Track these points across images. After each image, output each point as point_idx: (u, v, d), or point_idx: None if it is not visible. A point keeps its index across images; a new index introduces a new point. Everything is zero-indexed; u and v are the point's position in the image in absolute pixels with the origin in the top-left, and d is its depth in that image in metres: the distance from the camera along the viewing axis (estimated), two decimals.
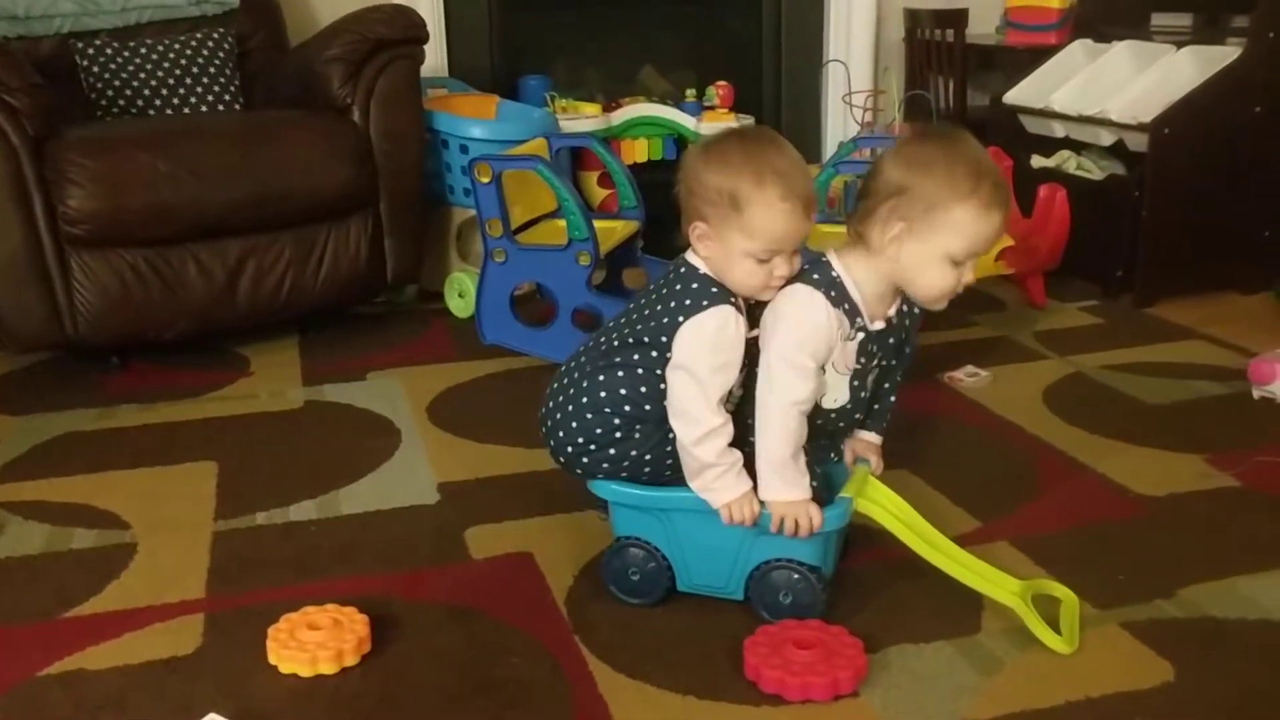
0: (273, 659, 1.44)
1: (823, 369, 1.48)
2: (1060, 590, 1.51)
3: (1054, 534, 1.74)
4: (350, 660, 1.44)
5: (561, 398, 1.57)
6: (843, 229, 2.66)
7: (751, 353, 1.49)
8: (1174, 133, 2.74)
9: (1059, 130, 3.13)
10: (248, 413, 2.33)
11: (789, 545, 1.48)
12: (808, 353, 1.45)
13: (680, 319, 1.46)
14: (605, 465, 1.54)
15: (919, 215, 1.42)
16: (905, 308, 1.55)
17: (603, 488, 1.56)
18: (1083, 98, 3.03)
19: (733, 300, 1.47)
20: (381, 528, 1.83)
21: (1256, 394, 2.24)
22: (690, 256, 1.51)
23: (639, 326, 1.51)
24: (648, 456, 1.53)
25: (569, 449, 1.56)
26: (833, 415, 1.55)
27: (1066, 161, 3.09)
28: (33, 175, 2.37)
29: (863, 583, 1.61)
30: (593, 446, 1.53)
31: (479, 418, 2.26)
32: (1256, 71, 2.77)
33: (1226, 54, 2.82)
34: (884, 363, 1.57)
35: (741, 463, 1.48)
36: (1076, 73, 3.15)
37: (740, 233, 1.43)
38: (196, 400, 2.40)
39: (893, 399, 1.66)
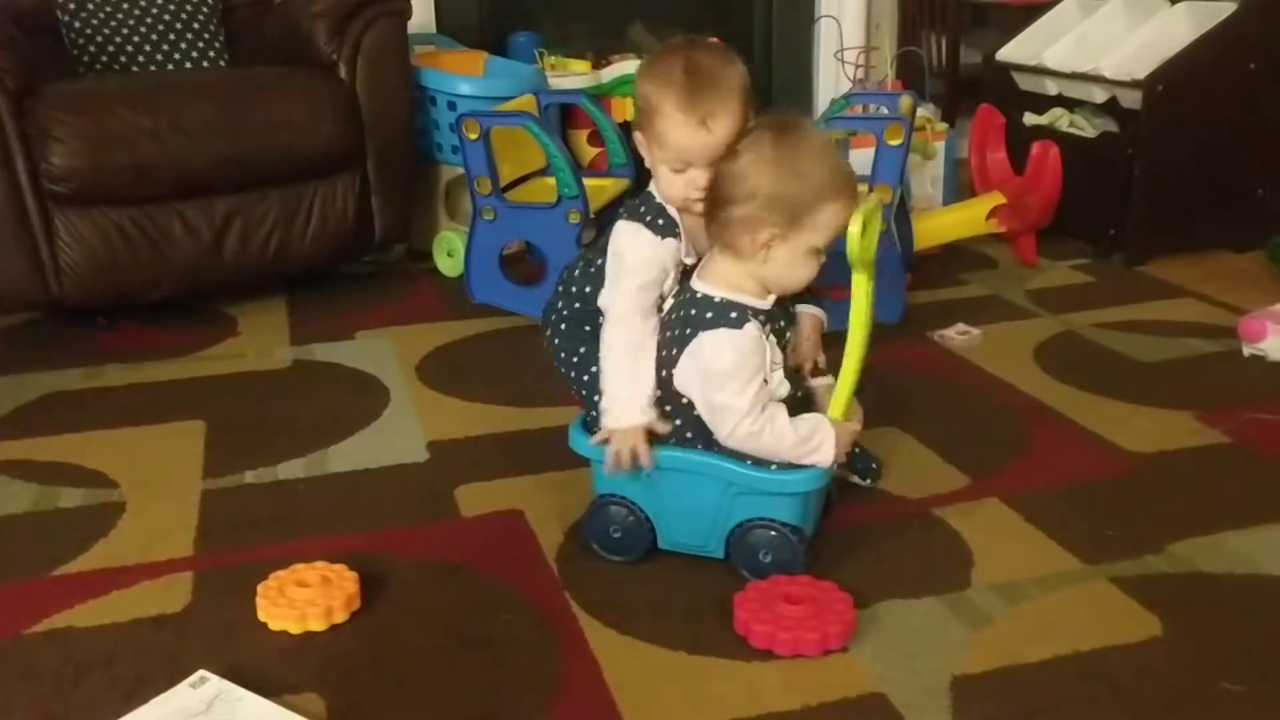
0: (262, 616, 1.44)
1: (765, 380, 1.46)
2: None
3: (1044, 490, 1.74)
4: (340, 617, 1.43)
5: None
6: None
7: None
8: (1168, 89, 2.72)
9: (1052, 88, 3.11)
10: (235, 372, 2.32)
11: (768, 505, 1.48)
12: (748, 378, 1.44)
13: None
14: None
15: (786, 220, 1.42)
16: None
17: (582, 445, 1.55)
18: (1076, 54, 3.01)
19: (660, 224, 1.50)
20: (371, 486, 1.82)
21: (1247, 351, 2.24)
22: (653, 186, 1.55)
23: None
24: None
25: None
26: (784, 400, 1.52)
27: (1059, 119, 3.07)
28: (14, 132, 2.34)
29: (852, 539, 1.61)
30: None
31: (468, 376, 2.25)
32: (1252, 27, 2.75)
33: (1222, 9, 2.79)
34: (786, 319, 1.55)
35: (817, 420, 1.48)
36: (1070, 29, 3.13)
37: (656, 143, 1.48)
38: (184, 360, 2.39)
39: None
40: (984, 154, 2.94)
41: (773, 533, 1.48)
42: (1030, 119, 3.12)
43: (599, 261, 1.59)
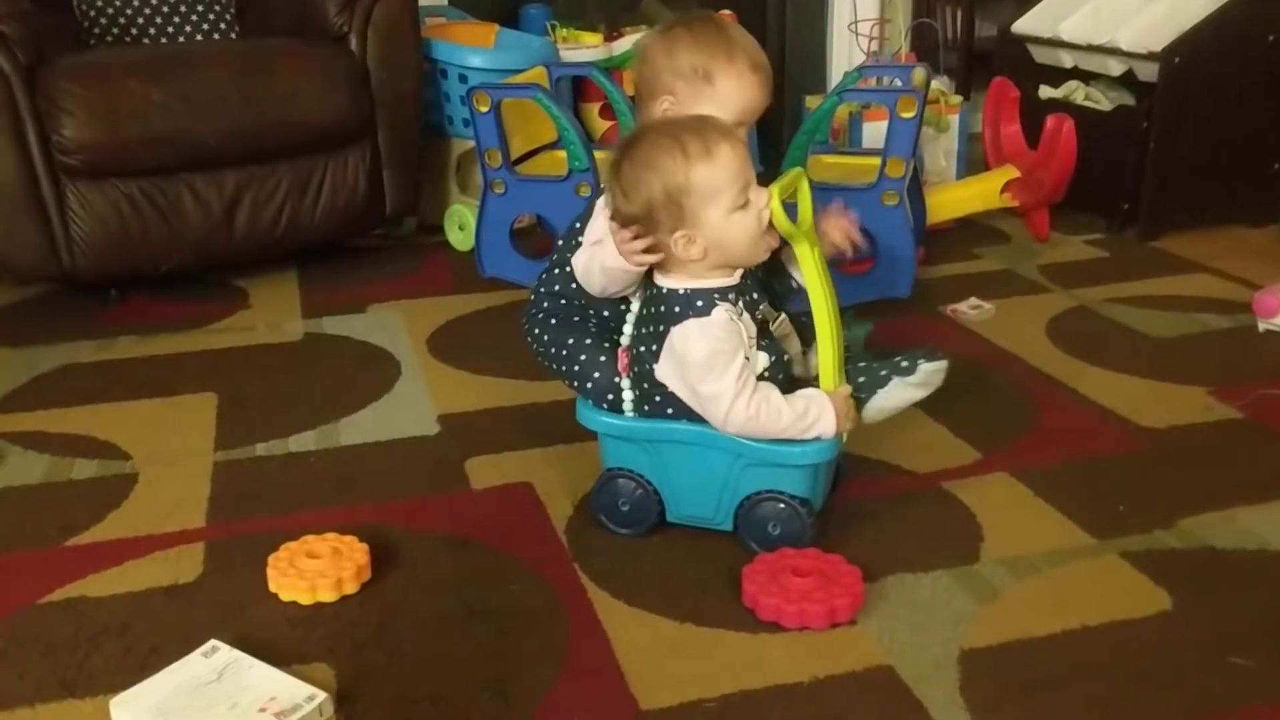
0: (273, 587, 1.45)
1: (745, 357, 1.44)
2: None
3: (1055, 465, 1.74)
4: (350, 588, 1.44)
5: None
6: (846, 160, 2.64)
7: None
8: (1185, 62, 2.69)
9: (1067, 60, 3.08)
10: (247, 345, 2.32)
11: (777, 477, 1.48)
12: (726, 363, 1.41)
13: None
14: None
15: (678, 217, 1.39)
16: None
17: (590, 419, 1.55)
18: (1092, 26, 2.98)
19: None
20: (381, 458, 1.83)
21: (1261, 327, 2.22)
22: None
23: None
24: None
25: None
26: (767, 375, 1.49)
27: (1074, 92, 3.05)
28: (25, 104, 2.34)
29: (860, 513, 1.61)
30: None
31: (479, 350, 2.25)
32: None
33: None
34: (758, 289, 1.52)
35: (810, 394, 1.46)
36: (1086, 1, 3.09)
37: (712, 104, 1.52)
38: (195, 332, 2.40)
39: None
40: (998, 128, 2.92)
41: (781, 505, 1.48)
42: (1045, 92, 3.09)
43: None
